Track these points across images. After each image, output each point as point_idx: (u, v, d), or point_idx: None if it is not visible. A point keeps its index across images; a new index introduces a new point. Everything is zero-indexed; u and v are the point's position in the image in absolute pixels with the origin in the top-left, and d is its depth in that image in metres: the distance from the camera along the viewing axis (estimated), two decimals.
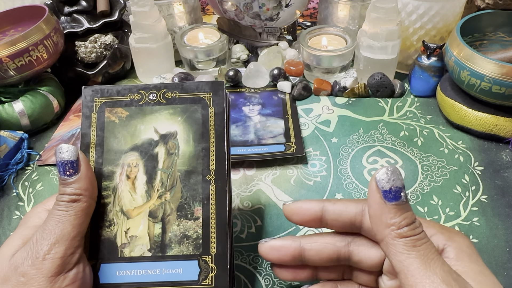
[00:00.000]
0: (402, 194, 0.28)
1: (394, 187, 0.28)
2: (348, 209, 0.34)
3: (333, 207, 0.34)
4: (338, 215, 0.34)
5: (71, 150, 0.34)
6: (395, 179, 0.28)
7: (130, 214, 0.36)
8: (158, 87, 0.39)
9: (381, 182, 0.29)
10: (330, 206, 0.34)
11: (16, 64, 0.61)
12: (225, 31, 0.75)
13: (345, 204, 0.34)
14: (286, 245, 0.35)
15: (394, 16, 0.64)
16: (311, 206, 0.35)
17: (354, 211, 0.34)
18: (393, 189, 0.28)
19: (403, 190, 0.29)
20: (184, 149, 0.38)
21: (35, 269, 0.30)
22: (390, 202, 0.28)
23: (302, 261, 0.35)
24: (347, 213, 0.34)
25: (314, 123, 0.64)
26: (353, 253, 0.34)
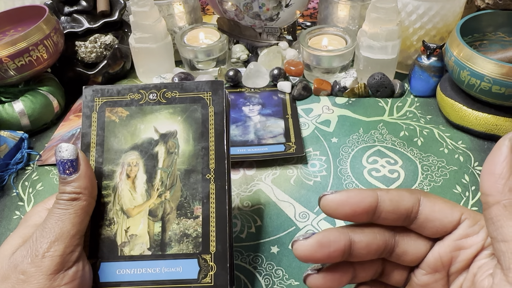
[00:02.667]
0: None
1: None
2: (404, 198, 0.28)
3: (388, 196, 0.28)
4: (395, 206, 0.28)
5: (70, 149, 0.34)
6: None
7: (130, 213, 0.36)
8: (158, 87, 0.39)
9: None
10: (384, 195, 0.28)
11: (16, 64, 0.61)
12: (225, 31, 0.75)
13: (399, 193, 0.29)
14: (336, 240, 0.28)
15: (394, 16, 0.64)
16: (364, 196, 0.28)
17: (411, 201, 0.28)
18: None
19: None
20: (184, 148, 0.38)
21: (35, 267, 0.31)
22: None
23: (348, 257, 0.29)
24: (404, 203, 0.28)
25: (314, 123, 0.64)
26: (399, 244, 0.30)
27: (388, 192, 0.29)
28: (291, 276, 0.44)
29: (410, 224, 0.29)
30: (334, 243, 0.28)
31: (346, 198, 0.28)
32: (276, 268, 0.44)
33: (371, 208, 0.28)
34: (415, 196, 0.29)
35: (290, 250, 0.46)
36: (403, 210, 0.28)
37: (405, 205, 0.28)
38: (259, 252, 0.46)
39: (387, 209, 0.28)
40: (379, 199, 0.28)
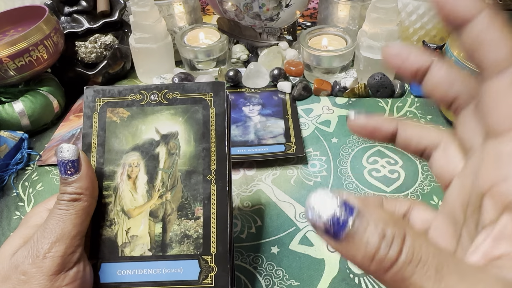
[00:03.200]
0: (341, 217, 0.19)
1: (326, 222, 0.19)
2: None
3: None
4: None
5: (72, 149, 0.34)
6: (320, 211, 0.19)
7: (131, 214, 0.36)
8: (160, 88, 0.39)
9: (314, 226, 0.19)
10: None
11: (16, 64, 0.61)
12: (225, 31, 0.75)
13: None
14: (414, 55, 0.25)
15: (394, 16, 0.64)
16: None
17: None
18: (328, 220, 0.19)
19: (343, 209, 0.19)
20: (185, 149, 0.38)
21: (36, 268, 0.31)
22: (341, 236, 0.19)
23: (420, 80, 0.26)
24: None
25: (314, 123, 0.64)
26: (465, 112, 0.24)
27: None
28: (291, 277, 0.44)
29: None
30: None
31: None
32: (276, 269, 0.44)
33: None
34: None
35: (291, 250, 0.46)
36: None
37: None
38: (260, 253, 0.46)
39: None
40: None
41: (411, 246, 0.18)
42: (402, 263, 0.18)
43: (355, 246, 0.18)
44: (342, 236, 0.18)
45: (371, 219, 0.18)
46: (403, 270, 0.18)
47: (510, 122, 0.19)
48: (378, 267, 0.18)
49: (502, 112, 0.19)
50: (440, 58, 0.24)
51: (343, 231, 0.18)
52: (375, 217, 0.18)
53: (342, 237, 0.18)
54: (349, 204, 0.19)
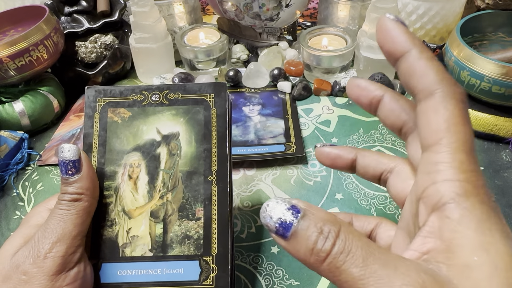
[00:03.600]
0: (288, 218, 0.22)
1: (277, 223, 0.22)
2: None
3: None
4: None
5: (73, 149, 0.34)
6: (271, 215, 0.22)
7: (131, 214, 0.36)
8: (161, 88, 0.39)
9: (267, 227, 0.23)
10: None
11: (16, 64, 0.61)
12: (225, 31, 0.75)
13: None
14: (371, 89, 0.30)
15: None
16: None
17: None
18: (277, 221, 0.22)
19: (290, 212, 0.22)
20: (186, 150, 0.38)
21: (36, 268, 0.31)
22: (288, 236, 0.22)
23: (374, 111, 0.31)
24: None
25: (314, 123, 0.64)
26: (411, 136, 0.29)
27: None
28: (291, 276, 0.44)
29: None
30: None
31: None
32: (276, 268, 0.45)
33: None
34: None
35: None
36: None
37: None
38: (260, 252, 0.46)
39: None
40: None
41: (343, 240, 0.21)
42: (335, 254, 0.21)
43: (298, 242, 0.22)
44: (288, 235, 0.22)
45: (312, 219, 0.22)
46: (336, 260, 0.21)
47: (436, 137, 0.23)
48: (316, 258, 0.21)
49: (430, 128, 0.23)
50: (390, 91, 0.29)
51: (289, 231, 0.22)
52: (316, 217, 0.22)
53: (288, 235, 0.22)
54: (296, 207, 0.22)
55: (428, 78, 0.24)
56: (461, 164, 0.22)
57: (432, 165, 0.23)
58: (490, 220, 0.21)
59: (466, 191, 0.22)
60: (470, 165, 0.22)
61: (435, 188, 0.22)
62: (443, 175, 0.22)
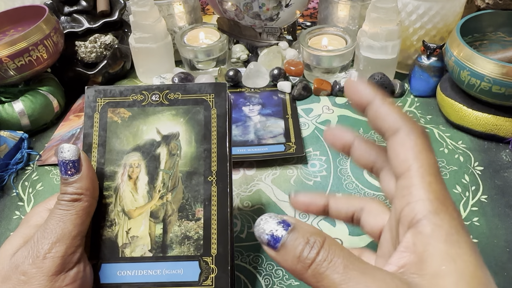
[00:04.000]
0: (279, 232, 0.25)
1: (267, 236, 0.25)
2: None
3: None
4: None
5: (72, 149, 0.34)
6: (263, 228, 0.25)
7: (131, 215, 0.36)
8: (161, 88, 0.39)
9: (259, 239, 0.26)
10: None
11: (16, 64, 0.61)
12: (225, 31, 0.75)
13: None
14: (343, 135, 0.34)
15: (394, 16, 0.64)
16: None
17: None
18: (269, 238, 0.25)
19: (281, 225, 0.25)
20: (186, 150, 0.38)
21: (36, 268, 0.31)
22: (277, 247, 0.25)
23: (347, 154, 0.35)
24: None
25: (314, 123, 0.64)
26: (383, 172, 0.33)
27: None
28: (291, 276, 0.44)
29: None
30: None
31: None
32: (276, 268, 0.44)
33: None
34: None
35: None
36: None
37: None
38: (259, 252, 0.46)
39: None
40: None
41: (326, 249, 0.24)
42: (318, 261, 0.24)
43: (287, 252, 0.25)
44: (278, 245, 0.25)
45: (300, 231, 0.25)
46: (319, 267, 0.23)
47: (405, 165, 0.27)
48: (302, 265, 0.24)
49: (400, 159, 0.27)
50: (359, 137, 0.34)
51: (279, 242, 0.25)
52: (304, 230, 0.25)
53: (278, 246, 0.25)
54: (287, 222, 0.25)
55: (391, 118, 0.28)
56: (429, 185, 0.26)
57: (406, 189, 0.26)
58: (458, 233, 0.24)
59: (436, 208, 0.25)
60: (438, 185, 0.26)
61: (409, 208, 0.25)
62: (415, 196, 0.25)
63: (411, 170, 0.26)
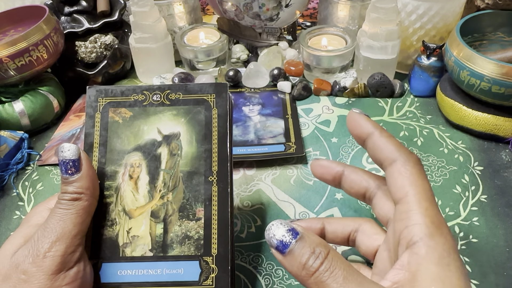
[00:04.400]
0: (287, 238, 0.28)
1: (277, 241, 0.28)
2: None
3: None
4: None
5: (73, 149, 0.34)
6: (274, 234, 0.28)
7: (132, 214, 0.36)
8: (162, 88, 0.39)
9: (269, 243, 0.29)
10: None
11: (16, 64, 0.61)
12: (225, 31, 0.75)
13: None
14: (332, 166, 0.38)
15: (394, 16, 0.64)
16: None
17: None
18: (278, 242, 0.28)
19: (290, 233, 0.28)
20: (187, 150, 0.38)
21: (36, 267, 0.31)
22: (285, 252, 0.28)
23: (338, 185, 0.38)
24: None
25: (314, 123, 0.64)
26: (375, 198, 0.36)
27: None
28: (291, 276, 0.43)
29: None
30: (329, 168, 0.38)
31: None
32: (276, 268, 0.44)
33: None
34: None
35: None
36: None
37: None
38: (259, 252, 0.46)
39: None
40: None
41: (329, 260, 0.27)
42: (321, 271, 0.26)
43: (293, 259, 0.28)
44: (286, 251, 0.28)
45: (308, 241, 0.28)
46: (321, 275, 0.26)
47: (403, 191, 0.30)
48: (306, 273, 0.27)
49: (397, 186, 0.30)
50: (348, 166, 0.37)
51: (287, 249, 0.28)
52: (311, 240, 0.28)
53: (286, 252, 0.28)
54: (296, 230, 0.28)
55: (389, 149, 0.31)
56: (425, 210, 0.29)
57: (404, 213, 0.29)
58: (450, 256, 0.27)
59: (431, 232, 0.28)
60: (433, 211, 0.29)
61: (407, 231, 0.28)
62: (413, 220, 0.28)
63: (408, 196, 0.29)
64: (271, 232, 0.29)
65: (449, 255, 0.27)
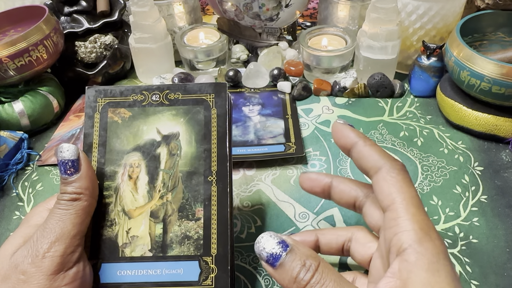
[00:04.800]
0: (278, 251, 0.28)
1: (268, 254, 0.29)
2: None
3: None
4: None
5: (72, 149, 0.34)
6: (264, 247, 0.29)
7: (131, 214, 0.36)
8: (161, 88, 0.39)
9: (259, 256, 0.29)
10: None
11: (16, 64, 0.61)
12: (225, 31, 0.75)
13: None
14: (320, 179, 0.38)
15: (394, 16, 0.64)
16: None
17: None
18: (268, 256, 0.28)
19: (280, 245, 0.29)
20: (186, 150, 0.38)
21: (35, 267, 0.31)
22: (276, 265, 0.28)
23: (328, 196, 0.39)
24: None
25: (314, 123, 0.64)
26: (365, 207, 0.36)
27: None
28: None
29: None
30: (317, 180, 0.39)
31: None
32: None
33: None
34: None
35: None
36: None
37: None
38: None
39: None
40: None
41: (320, 273, 0.27)
42: (312, 283, 0.27)
43: (284, 271, 0.28)
44: (277, 264, 0.28)
45: (298, 253, 0.28)
46: None
47: (390, 199, 0.30)
48: (297, 286, 0.27)
49: (384, 194, 0.30)
50: (336, 177, 0.38)
51: (278, 261, 0.28)
52: (301, 252, 0.28)
53: (277, 265, 0.28)
54: (285, 242, 0.28)
55: (374, 158, 0.32)
56: (413, 216, 0.29)
57: (393, 220, 0.29)
58: (439, 262, 0.27)
59: (420, 238, 0.28)
60: (421, 216, 0.29)
61: (397, 238, 0.28)
62: (401, 227, 0.28)
63: (396, 203, 0.29)
64: (261, 245, 0.29)
65: (438, 261, 0.27)
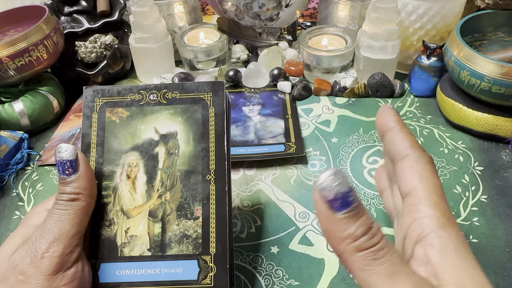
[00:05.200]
0: (351, 198, 0.24)
1: (339, 193, 0.24)
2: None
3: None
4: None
5: (70, 149, 0.34)
6: (339, 183, 0.24)
7: (130, 214, 0.36)
8: (159, 88, 0.39)
9: (323, 191, 0.24)
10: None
11: (16, 64, 0.61)
12: (225, 31, 0.75)
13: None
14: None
15: (394, 16, 0.64)
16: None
17: None
18: (339, 195, 0.24)
19: (352, 193, 0.24)
20: (184, 149, 0.38)
21: (34, 268, 0.31)
22: (339, 212, 0.24)
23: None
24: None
25: (314, 123, 0.64)
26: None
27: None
28: (291, 276, 0.44)
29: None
30: None
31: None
32: (276, 268, 0.44)
33: None
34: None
35: (290, 250, 0.46)
36: None
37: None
38: (259, 252, 0.46)
39: None
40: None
41: (385, 244, 0.24)
42: (377, 249, 0.24)
43: (347, 224, 0.24)
44: (342, 211, 0.24)
45: (366, 215, 0.25)
46: (374, 255, 0.24)
47: (410, 186, 0.29)
48: (357, 246, 0.24)
49: (406, 181, 0.29)
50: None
51: (345, 208, 0.24)
52: (368, 216, 0.25)
53: (341, 212, 0.24)
54: (356, 195, 0.25)
55: (403, 144, 0.31)
56: (435, 203, 0.28)
57: (413, 206, 0.28)
58: (464, 248, 0.26)
59: (443, 224, 0.27)
60: (443, 204, 0.28)
61: (417, 223, 0.27)
62: (422, 212, 0.27)
63: (418, 190, 0.28)
64: (330, 182, 0.24)
65: (463, 247, 0.26)
